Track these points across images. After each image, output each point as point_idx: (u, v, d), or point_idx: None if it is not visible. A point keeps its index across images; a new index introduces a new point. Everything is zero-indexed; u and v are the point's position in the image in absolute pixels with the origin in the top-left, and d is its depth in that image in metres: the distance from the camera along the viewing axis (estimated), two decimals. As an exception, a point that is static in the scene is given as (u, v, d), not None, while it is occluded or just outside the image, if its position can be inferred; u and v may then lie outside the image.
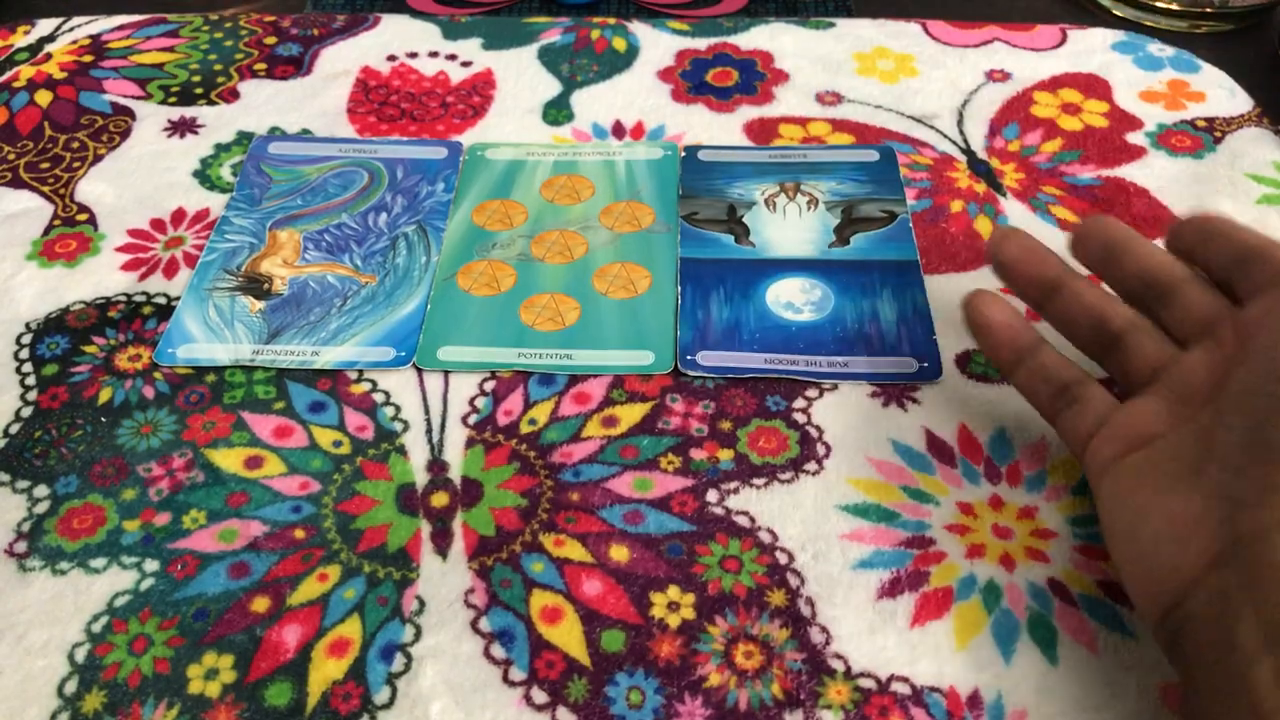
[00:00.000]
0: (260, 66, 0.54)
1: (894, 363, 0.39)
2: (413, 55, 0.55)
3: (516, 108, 0.52)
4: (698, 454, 0.37)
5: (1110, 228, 0.35)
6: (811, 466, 0.36)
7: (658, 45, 0.56)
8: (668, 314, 0.41)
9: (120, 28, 0.57)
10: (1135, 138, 0.49)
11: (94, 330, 0.41)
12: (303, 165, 0.48)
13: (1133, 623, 0.32)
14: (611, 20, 0.58)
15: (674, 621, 0.32)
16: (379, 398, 0.39)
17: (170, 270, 0.44)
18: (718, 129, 0.50)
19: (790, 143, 0.49)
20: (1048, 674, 0.31)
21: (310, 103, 0.52)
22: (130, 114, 0.52)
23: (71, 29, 0.57)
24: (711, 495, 0.36)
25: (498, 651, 0.32)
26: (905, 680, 0.31)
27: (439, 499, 0.36)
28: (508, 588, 0.33)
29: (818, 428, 0.38)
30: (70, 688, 0.31)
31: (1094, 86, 0.52)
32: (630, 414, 0.38)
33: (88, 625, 0.33)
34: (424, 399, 0.39)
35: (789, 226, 0.45)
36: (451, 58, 0.55)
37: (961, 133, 0.50)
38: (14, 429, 0.38)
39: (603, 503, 0.35)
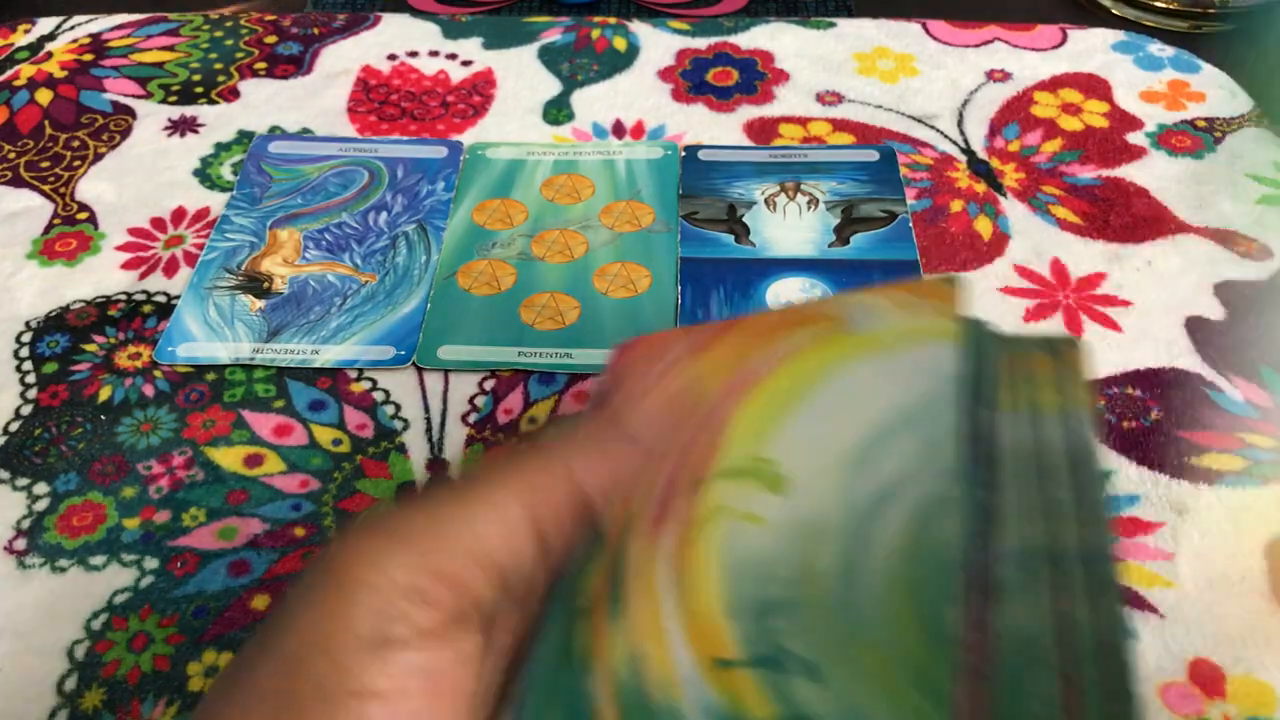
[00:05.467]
0: (261, 65, 0.54)
1: (894, 362, 0.39)
2: (413, 54, 0.55)
3: (517, 107, 0.52)
4: (697, 453, 0.37)
5: None
6: (811, 465, 0.36)
7: (658, 45, 0.56)
8: (668, 313, 0.41)
9: (121, 26, 0.57)
10: (1135, 138, 0.49)
11: (94, 329, 0.41)
12: (303, 164, 0.48)
13: (1132, 622, 0.32)
14: (612, 20, 0.58)
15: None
16: (379, 396, 0.39)
17: (170, 269, 0.44)
18: (718, 128, 0.50)
19: (790, 142, 0.49)
20: (1047, 673, 0.31)
21: (311, 102, 0.52)
22: (131, 113, 0.52)
23: (72, 28, 0.57)
24: (711, 494, 0.36)
25: (497, 650, 0.32)
26: (905, 679, 0.31)
27: (439, 497, 0.36)
28: (507, 586, 0.33)
29: (817, 427, 0.38)
30: (70, 685, 0.31)
31: (1094, 86, 0.52)
32: (630, 413, 0.38)
33: (87, 622, 0.33)
34: (424, 398, 0.39)
35: (789, 226, 0.45)
36: (452, 57, 0.55)
37: (962, 132, 0.50)
38: (14, 427, 0.38)
39: (602, 501, 0.35)
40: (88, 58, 0.55)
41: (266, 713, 0.17)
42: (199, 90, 0.53)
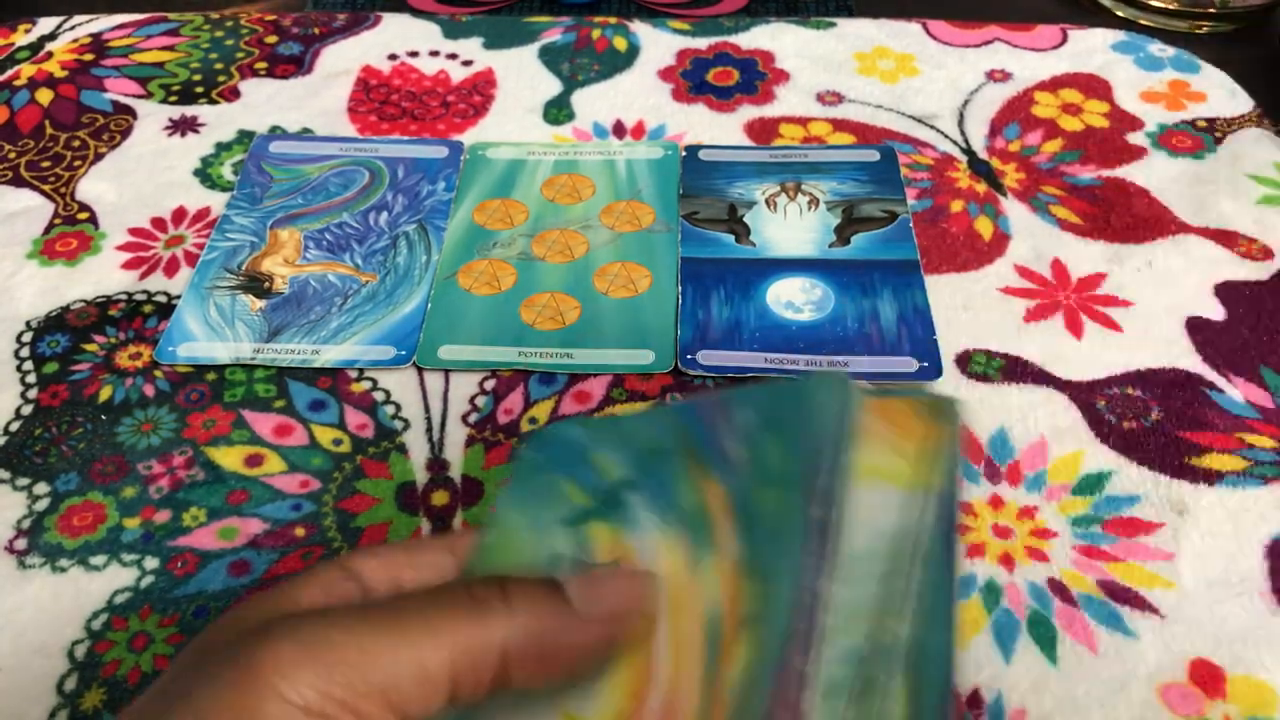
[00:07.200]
0: (261, 65, 0.54)
1: (894, 362, 0.39)
2: (414, 54, 0.55)
3: (517, 107, 0.52)
4: (698, 453, 0.37)
5: None
6: (811, 466, 0.36)
7: (658, 45, 0.56)
8: (668, 313, 0.41)
9: (121, 26, 0.57)
10: (1136, 138, 0.49)
11: (94, 329, 0.41)
12: (303, 164, 0.48)
13: (1133, 622, 0.32)
14: (612, 20, 0.58)
15: (674, 620, 0.32)
16: (379, 396, 0.39)
17: (171, 269, 0.44)
18: (718, 128, 0.50)
19: (791, 142, 0.49)
20: (1047, 674, 0.31)
21: (311, 101, 0.52)
22: (131, 112, 0.52)
23: (73, 27, 0.57)
24: (711, 494, 0.36)
25: (498, 650, 0.32)
26: (905, 679, 0.31)
27: (439, 497, 0.36)
28: (508, 586, 0.33)
29: (818, 427, 0.38)
30: (70, 685, 0.31)
31: (1094, 86, 0.52)
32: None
33: (87, 622, 0.33)
34: (424, 398, 0.39)
35: (790, 226, 0.45)
36: (452, 57, 0.55)
37: (962, 133, 0.50)
38: (14, 427, 0.38)
39: (603, 501, 0.35)
40: (88, 57, 0.55)
41: None
42: (199, 90, 0.53)
